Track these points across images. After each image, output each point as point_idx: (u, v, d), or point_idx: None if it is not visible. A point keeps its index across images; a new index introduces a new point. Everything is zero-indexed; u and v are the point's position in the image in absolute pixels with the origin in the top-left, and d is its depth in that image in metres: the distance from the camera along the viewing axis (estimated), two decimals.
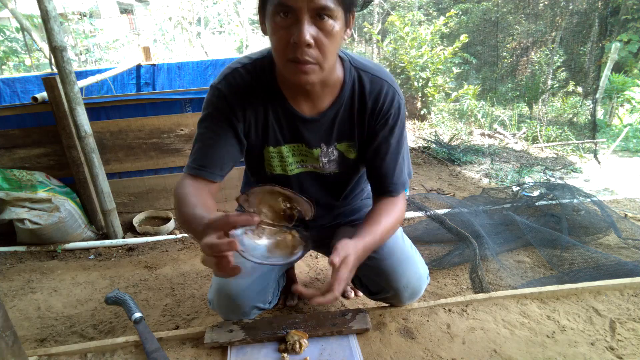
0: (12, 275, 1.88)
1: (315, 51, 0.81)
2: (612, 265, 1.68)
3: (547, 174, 3.22)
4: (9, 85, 3.41)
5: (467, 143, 4.16)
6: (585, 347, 1.05)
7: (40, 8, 1.81)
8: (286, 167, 1.06)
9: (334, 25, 0.80)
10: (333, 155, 1.05)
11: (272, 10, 0.80)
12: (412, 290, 1.13)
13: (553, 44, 5.49)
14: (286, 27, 0.80)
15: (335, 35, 0.82)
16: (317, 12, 0.78)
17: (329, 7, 0.78)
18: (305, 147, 1.03)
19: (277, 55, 0.85)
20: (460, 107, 5.50)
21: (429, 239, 2.06)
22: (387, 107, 0.99)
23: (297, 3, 0.76)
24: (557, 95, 5.54)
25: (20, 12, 5.78)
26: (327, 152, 1.04)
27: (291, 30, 0.79)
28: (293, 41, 0.79)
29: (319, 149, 1.03)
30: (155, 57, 4.64)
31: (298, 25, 0.78)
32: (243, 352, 1.04)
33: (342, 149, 1.05)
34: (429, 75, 5.10)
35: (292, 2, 0.76)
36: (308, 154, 1.05)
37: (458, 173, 3.32)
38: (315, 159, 1.05)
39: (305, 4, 0.76)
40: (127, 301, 1.20)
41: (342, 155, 1.06)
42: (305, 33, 0.78)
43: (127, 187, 2.41)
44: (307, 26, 0.78)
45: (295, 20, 0.79)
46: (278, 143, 1.02)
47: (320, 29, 0.80)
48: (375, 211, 1.03)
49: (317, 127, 1.00)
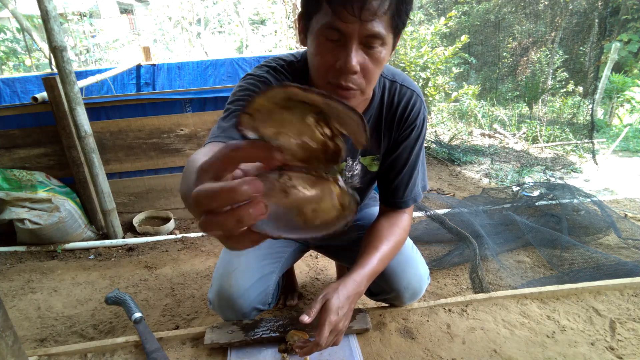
0: (12, 275, 1.89)
1: (359, 78, 0.77)
2: (612, 265, 1.68)
3: (547, 174, 3.22)
4: (9, 85, 3.41)
5: (467, 143, 4.16)
6: (585, 347, 1.05)
7: (40, 8, 1.81)
8: None
9: (382, 51, 0.76)
10: (356, 170, 1.03)
11: (320, 29, 0.74)
12: (413, 291, 1.13)
13: (553, 44, 5.49)
14: (333, 50, 0.75)
15: (382, 61, 0.78)
16: (367, 39, 0.73)
17: (381, 35, 0.73)
18: None
19: (317, 75, 0.81)
20: (460, 107, 5.50)
21: (429, 239, 2.06)
22: (413, 117, 0.96)
23: (349, 28, 0.71)
24: (557, 95, 5.54)
25: (20, 13, 5.78)
26: (352, 166, 1.02)
27: (338, 54, 0.75)
28: (339, 66, 0.75)
29: (345, 163, 1.01)
30: (155, 57, 4.64)
31: (346, 50, 0.74)
32: (243, 352, 1.04)
33: (366, 163, 1.03)
34: (429, 76, 5.10)
35: (344, 27, 0.71)
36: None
37: (458, 173, 3.32)
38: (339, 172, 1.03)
39: (357, 30, 0.71)
40: (127, 301, 1.20)
41: (364, 169, 1.04)
42: (353, 61, 0.73)
43: (127, 187, 2.41)
44: (355, 53, 0.74)
45: (343, 45, 0.74)
46: None
47: (368, 55, 0.75)
48: (377, 233, 1.00)
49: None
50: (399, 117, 0.96)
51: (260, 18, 11.09)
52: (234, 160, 0.38)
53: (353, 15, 0.70)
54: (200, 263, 1.93)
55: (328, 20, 0.72)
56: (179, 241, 2.18)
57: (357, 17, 0.70)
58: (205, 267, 1.89)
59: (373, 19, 0.70)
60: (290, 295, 1.53)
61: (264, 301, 1.11)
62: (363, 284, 0.93)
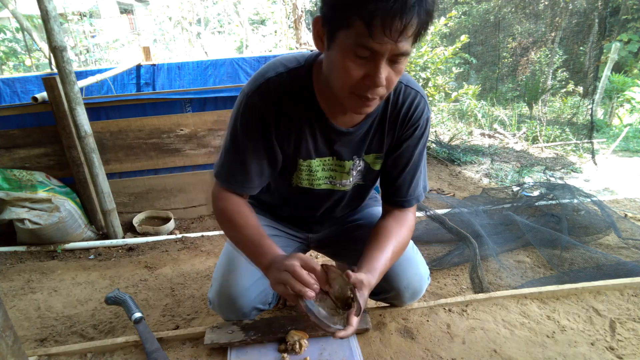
0: (12, 275, 1.89)
1: (383, 89, 0.80)
2: (612, 265, 1.68)
3: (547, 174, 3.22)
4: (9, 85, 3.41)
5: (467, 143, 4.16)
6: (585, 347, 1.05)
7: (40, 8, 1.81)
8: (313, 181, 1.05)
9: (403, 64, 0.80)
10: (360, 167, 1.05)
11: (350, 46, 0.75)
12: (413, 290, 1.13)
13: (553, 44, 5.49)
14: (361, 65, 0.77)
15: (402, 72, 0.81)
16: (395, 57, 0.76)
17: (408, 52, 0.76)
18: (337, 160, 1.02)
19: (339, 85, 0.82)
20: (460, 107, 5.50)
21: (429, 239, 2.06)
22: (417, 116, 0.97)
23: (382, 48, 0.73)
24: (557, 95, 5.55)
25: (20, 13, 5.78)
26: (357, 164, 1.04)
27: (366, 68, 0.77)
28: (367, 82, 0.78)
29: (352, 162, 1.02)
30: (155, 57, 4.63)
31: (375, 67, 0.76)
32: (243, 353, 1.04)
33: (369, 161, 1.05)
34: (429, 76, 5.10)
35: (378, 47, 0.73)
36: (338, 168, 1.04)
37: (458, 173, 3.32)
38: (347, 172, 1.04)
39: (389, 49, 0.73)
40: (127, 301, 1.20)
41: (367, 166, 1.06)
42: (382, 77, 0.77)
43: (127, 187, 2.41)
44: (385, 70, 0.77)
45: (372, 61, 0.76)
46: (309, 156, 1.00)
47: (393, 68, 0.79)
48: (385, 232, 1.00)
49: (351, 139, 0.99)
50: (402, 116, 0.97)
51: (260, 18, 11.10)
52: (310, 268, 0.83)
53: (390, 38, 0.72)
54: (200, 263, 1.93)
55: (362, 39, 0.73)
56: (179, 241, 2.18)
57: (395, 40, 0.72)
58: (205, 267, 1.89)
59: (406, 38, 0.73)
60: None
61: (264, 301, 1.11)
62: (375, 279, 0.92)
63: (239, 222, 0.96)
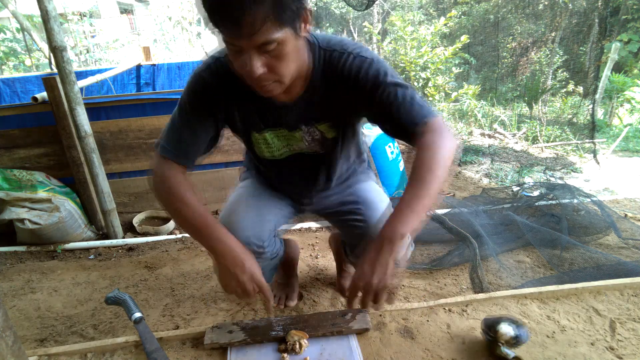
0: (12, 275, 1.89)
1: (271, 75, 0.83)
2: (612, 265, 1.68)
3: (547, 174, 3.22)
4: (9, 85, 3.42)
5: (467, 143, 4.16)
6: (585, 347, 1.05)
7: (40, 8, 1.81)
8: (274, 151, 1.11)
9: (282, 48, 0.80)
10: (316, 135, 1.07)
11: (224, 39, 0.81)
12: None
13: (553, 43, 5.49)
14: (239, 58, 0.81)
15: (288, 54, 0.82)
16: (261, 47, 0.78)
17: (272, 40, 0.77)
18: (287, 131, 1.06)
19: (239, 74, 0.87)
20: (460, 107, 5.50)
21: (429, 239, 2.06)
22: (363, 76, 0.93)
23: (241, 42, 0.78)
24: (557, 95, 5.54)
25: (20, 13, 5.78)
26: (309, 131, 1.06)
27: (244, 61, 0.81)
28: (247, 73, 0.82)
29: (300, 131, 1.05)
30: (155, 57, 4.64)
31: (248, 59, 0.80)
32: (243, 353, 1.04)
33: (323, 129, 1.06)
34: (429, 76, 5.10)
35: (236, 42, 0.78)
36: (291, 137, 1.07)
37: (458, 173, 3.32)
38: (299, 140, 1.07)
39: (247, 43, 0.77)
40: (127, 301, 1.20)
41: (323, 135, 1.07)
42: (255, 68, 0.80)
43: (127, 187, 2.41)
44: (256, 60, 0.80)
45: (245, 54, 0.80)
46: (261, 130, 1.05)
47: (270, 56, 0.80)
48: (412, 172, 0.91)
49: (294, 111, 1.02)
50: (346, 84, 0.95)
51: None
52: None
53: (235, 37, 0.77)
54: (200, 263, 1.93)
55: (224, 36, 0.79)
56: (179, 241, 2.18)
57: (239, 37, 0.76)
58: (205, 267, 1.89)
59: (255, 32, 0.75)
60: (290, 296, 1.53)
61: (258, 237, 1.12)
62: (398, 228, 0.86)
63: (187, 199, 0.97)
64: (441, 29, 5.22)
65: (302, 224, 2.27)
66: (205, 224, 0.96)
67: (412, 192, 0.88)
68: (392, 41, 5.64)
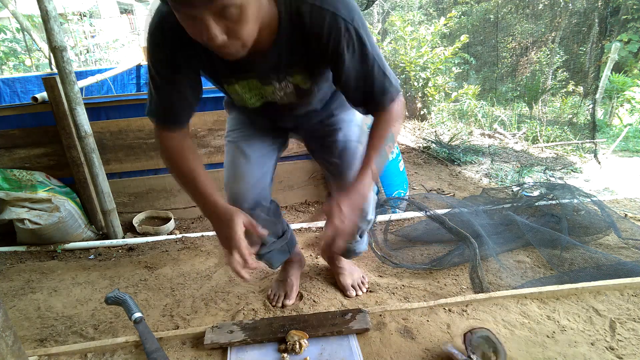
0: (12, 275, 1.89)
1: (233, 41, 0.77)
2: (612, 265, 1.68)
3: (547, 174, 3.22)
4: (9, 85, 3.42)
5: (467, 143, 4.16)
6: (585, 347, 1.05)
7: (40, 8, 1.81)
8: (247, 100, 1.08)
9: (240, 12, 0.73)
10: (289, 89, 1.04)
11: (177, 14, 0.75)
12: None
13: (553, 43, 5.49)
14: (194, 26, 0.75)
15: (248, 17, 0.76)
16: (220, 12, 0.72)
17: (229, 3, 0.71)
18: (259, 84, 1.02)
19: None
20: (460, 107, 5.50)
21: (429, 239, 2.06)
22: (335, 39, 0.88)
23: (196, 12, 0.71)
24: (557, 95, 5.54)
25: (20, 13, 5.78)
26: (282, 86, 1.02)
27: (200, 29, 0.74)
28: (206, 41, 0.76)
29: (272, 86, 1.02)
30: None
31: (205, 28, 0.73)
32: (243, 352, 1.04)
33: (297, 82, 1.02)
34: (429, 76, 5.10)
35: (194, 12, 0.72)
36: (262, 90, 1.04)
37: (458, 173, 3.32)
38: (271, 93, 1.04)
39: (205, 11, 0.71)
40: (127, 301, 1.20)
41: (297, 86, 1.03)
42: (214, 37, 0.74)
43: (127, 187, 2.41)
44: (214, 28, 0.73)
45: (200, 22, 0.73)
46: (231, 82, 1.02)
47: (229, 20, 0.74)
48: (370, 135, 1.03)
49: (263, 65, 0.96)
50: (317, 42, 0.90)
51: None
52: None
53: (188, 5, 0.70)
54: (200, 263, 1.93)
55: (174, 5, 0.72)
56: (179, 241, 2.18)
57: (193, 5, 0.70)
58: (206, 267, 1.89)
59: None
60: (289, 294, 1.53)
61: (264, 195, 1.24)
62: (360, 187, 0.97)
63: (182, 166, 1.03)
64: (441, 29, 5.22)
65: (302, 224, 2.26)
66: (197, 189, 1.03)
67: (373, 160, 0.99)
68: (392, 41, 5.64)
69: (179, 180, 1.06)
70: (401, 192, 2.49)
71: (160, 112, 1.01)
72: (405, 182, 2.58)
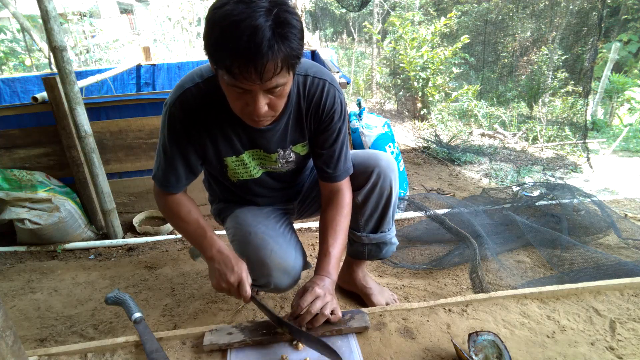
0: (12, 275, 1.88)
1: (270, 112, 0.89)
2: (612, 265, 1.68)
3: (547, 174, 3.22)
4: (9, 85, 3.41)
5: (467, 143, 4.16)
6: (585, 347, 1.05)
7: (40, 8, 1.81)
8: (250, 171, 1.15)
9: (284, 89, 0.87)
10: (290, 158, 1.15)
11: (226, 83, 0.83)
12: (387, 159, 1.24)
13: (553, 43, 5.49)
14: (241, 97, 0.86)
15: (286, 93, 0.89)
16: (270, 90, 0.84)
17: (281, 84, 0.83)
18: (264, 152, 1.11)
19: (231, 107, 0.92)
20: (460, 107, 5.50)
21: (429, 239, 2.06)
22: (330, 104, 1.06)
23: (252, 87, 0.81)
24: (557, 95, 5.54)
25: (20, 13, 5.77)
26: (285, 155, 1.13)
27: (246, 99, 0.85)
28: (249, 112, 0.87)
29: (277, 154, 1.12)
30: (155, 57, 4.63)
31: (252, 100, 0.84)
32: (243, 353, 1.04)
33: (298, 150, 1.14)
34: (429, 76, 5.10)
35: (247, 86, 0.81)
36: (266, 158, 1.13)
37: (458, 173, 3.32)
38: (274, 162, 1.13)
39: (259, 86, 0.81)
40: (127, 301, 1.20)
41: (297, 155, 1.16)
42: (261, 109, 0.85)
43: (127, 187, 2.41)
44: (262, 101, 0.85)
45: (249, 95, 0.84)
46: (239, 152, 1.09)
47: (274, 95, 0.86)
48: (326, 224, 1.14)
49: (272, 135, 1.07)
50: (315, 106, 1.06)
51: None
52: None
53: (252, 82, 0.80)
54: (201, 263, 1.93)
55: (231, 82, 0.81)
56: (179, 241, 2.18)
57: (258, 83, 0.80)
58: (205, 267, 1.89)
59: (270, 78, 0.80)
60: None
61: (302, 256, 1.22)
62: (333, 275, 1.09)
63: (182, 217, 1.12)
64: (441, 29, 5.22)
65: (302, 224, 2.27)
66: (204, 236, 1.09)
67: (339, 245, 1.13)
68: (392, 41, 5.64)
69: (181, 228, 1.14)
70: (401, 192, 2.49)
71: (166, 180, 1.10)
72: (405, 182, 2.58)
